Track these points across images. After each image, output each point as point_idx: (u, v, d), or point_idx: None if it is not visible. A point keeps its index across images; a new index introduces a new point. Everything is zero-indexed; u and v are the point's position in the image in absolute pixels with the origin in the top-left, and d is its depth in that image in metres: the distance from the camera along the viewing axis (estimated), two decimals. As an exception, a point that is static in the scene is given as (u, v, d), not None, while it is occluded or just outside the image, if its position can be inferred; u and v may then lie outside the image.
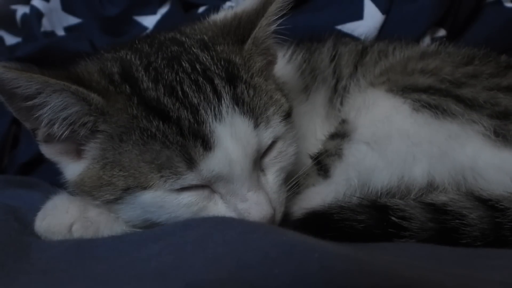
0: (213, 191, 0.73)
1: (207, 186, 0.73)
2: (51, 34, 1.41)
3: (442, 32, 1.24)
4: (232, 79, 0.75)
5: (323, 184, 0.86)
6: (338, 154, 0.87)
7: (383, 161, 0.83)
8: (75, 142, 0.75)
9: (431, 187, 0.81)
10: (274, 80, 0.84)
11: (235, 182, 0.72)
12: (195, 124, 0.70)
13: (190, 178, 0.70)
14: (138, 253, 0.62)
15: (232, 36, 0.80)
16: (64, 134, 0.73)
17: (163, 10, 1.36)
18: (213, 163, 0.70)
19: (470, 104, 0.84)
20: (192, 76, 0.74)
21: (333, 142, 0.89)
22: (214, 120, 0.70)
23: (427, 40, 1.22)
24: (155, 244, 0.62)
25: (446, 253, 0.71)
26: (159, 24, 1.33)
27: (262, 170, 0.78)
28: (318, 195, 0.84)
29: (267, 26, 0.80)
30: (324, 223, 0.75)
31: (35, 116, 0.72)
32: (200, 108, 0.71)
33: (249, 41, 0.80)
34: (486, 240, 0.74)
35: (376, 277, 0.51)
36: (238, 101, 0.73)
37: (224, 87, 0.73)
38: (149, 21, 1.35)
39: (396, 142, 0.83)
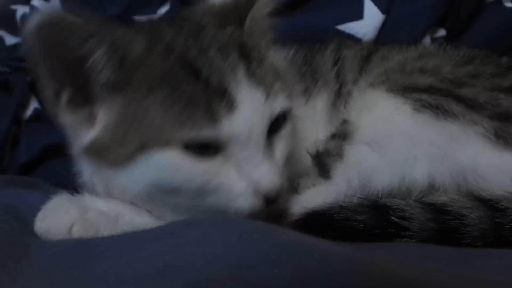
0: (227, 158, 0.75)
1: (222, 153, 0.74)
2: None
3: (442, 32, 1.24)
4: (244, 55, 0.78)
5: (324, 185, 0.86)
6: (339, 154, 0.86)
7: (384, 162, 0.83)
8: (93, 105, 0.76)
9: (432, 188, 0.81)
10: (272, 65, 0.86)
11: (250, 147, 0.74)
12: (222, 85, 0.73)
13: (210, 134, 0.72)
14: (138, 253, 0.62)
15: (233, 17, 0.82)
16: (101, 82, 0.74)
17: (163, 10, 1.36)
18: (234, 123, 0.72)
19: (470, 105, 0.84)
20: (214, 47, 0.77)
21: (334, 142, 0.89)
22: (236, 85, 0.74)
23: (427, 40, 1.22)
24: (155, 244, 0.62)
25: (446, 253, 0.71)
26: (159, 24, 1.33)
27: (270, 143, 0.80)
28: (319, 196, 0.83)
29: (265, 5, 0.84)
30: (325, 223, 0.75)
31: (73, 70, 0.73)
32: (225, 72, 0.74)
33: (248, 21, 0.82)
34: (486, 240, 0.74)
35: (376, 277, 0.51)
36: (251, 74, 0.76)
37: (239, 61, 0.76)
38: (149, 20, 1.35)
39: (397, 143, 0.83)
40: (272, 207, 0.77)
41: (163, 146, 0.72)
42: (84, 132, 0.78)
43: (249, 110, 0.73)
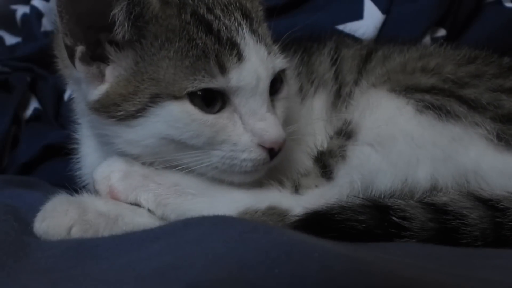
0: (233, 113, 0.79)
1: (229, 108, 0.78)
2: (51, 34, 1.41)
3: (442, 32, 1.24)
4: (245, 15, 0.83)
5: (326, 186, 0.85)
6: (342, 155, 0.86)
7: (387, 164, 0.82)
8: (104, 63, 0.79)
9: (434, 190, 0.81)
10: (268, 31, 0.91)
11: (257, 98, 0.79)
12: (231, 38, 0.78)
13: (221, 84, 0.76)
14: (138, 253, 0.62)
15: None
16: (116, 39, 0.78)
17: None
18: (243, 73, 0.77)
19: (473, 106, 0.84)
20: (218, 7, 0.81)
21: (336, 143, 0.88)
22: (243, 39, 0.79)
23: (427, 40, 1.21)
24: (155, 244, 0.62)
25: (446, 253, 0.71)
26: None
27: (271, 102, 0.84)
28: (322, 198, 0.83)
29: None
30: (326, 224, 0.75)
31: (88, 27, 0.76)
32: (231, 28, 0.79)
33: None
34: (487, 240, 0.74)
35: (376, 277, 0.51)
36: (254, 32, 0.81)
37: (242, 20, 0.81)
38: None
39: (400, 144, 0.83)
40: (275, 161, 0.81)
41: (175, 98, 0.76)
42: (93, 88, 0.80)
43: (255, 62, 0.79)
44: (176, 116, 0.76)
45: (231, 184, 0.83)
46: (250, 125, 0.79)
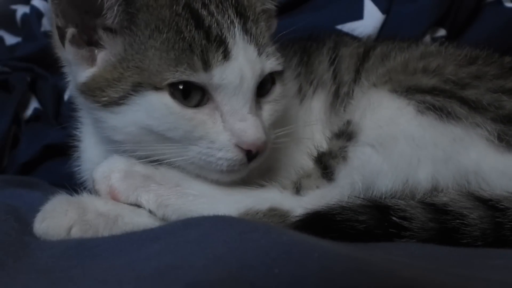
0: (215, 110, 0.78)
1: (210, 104, 0.78)
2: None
3: (442, 32, 1.24)
4: (240, 13, 0.82)
5: (327, 187, 0.85)
6: (343, 156, 0.85)
7: (388, 164, 0.82)
8: (94, 47, 0.80)
9: (435, 190, 0.81)
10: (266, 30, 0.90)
11: (239, 98, 0.78)
12: (220, 36, 0.78)
13: (203, 79, 0.76)
14: (138, 253, 0.62)
15: None
16: (106, 24, 0.78)
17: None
18: (226, 72, 0.76)
19: (474, 107, 0.84)
20: (213, 2, 0.81)
21: (337, 143, 0.88)
22: (232, 38, 0.78)
23: (427, 40, 1.21)
24: (155, 244, 0.62)
25: (446, 253, 0.71)
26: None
27: (258, 104, 0.83)
28: (323, 199, 0.83)
29: None
30: (326, 224, 0.75)
31: (80, 9, 0.77)
32: (223, 26, 0.79)
33: None
34: (487, 240, 0.74)
35: (376, 277, 0.51)
36: (246, 31, 0.80)
37: (235, 18, 0.81)
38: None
39: (401, 145, 0.83)
40: (254, 164, 0.80)
41: (156, 88, 0.76)
42: (82, 70, 0.81)
43: (241, 61, 0.78)
44: (155, 107, 0.76)
45: (228, 185, 0.82)
46: (230, 124, 0.78)
